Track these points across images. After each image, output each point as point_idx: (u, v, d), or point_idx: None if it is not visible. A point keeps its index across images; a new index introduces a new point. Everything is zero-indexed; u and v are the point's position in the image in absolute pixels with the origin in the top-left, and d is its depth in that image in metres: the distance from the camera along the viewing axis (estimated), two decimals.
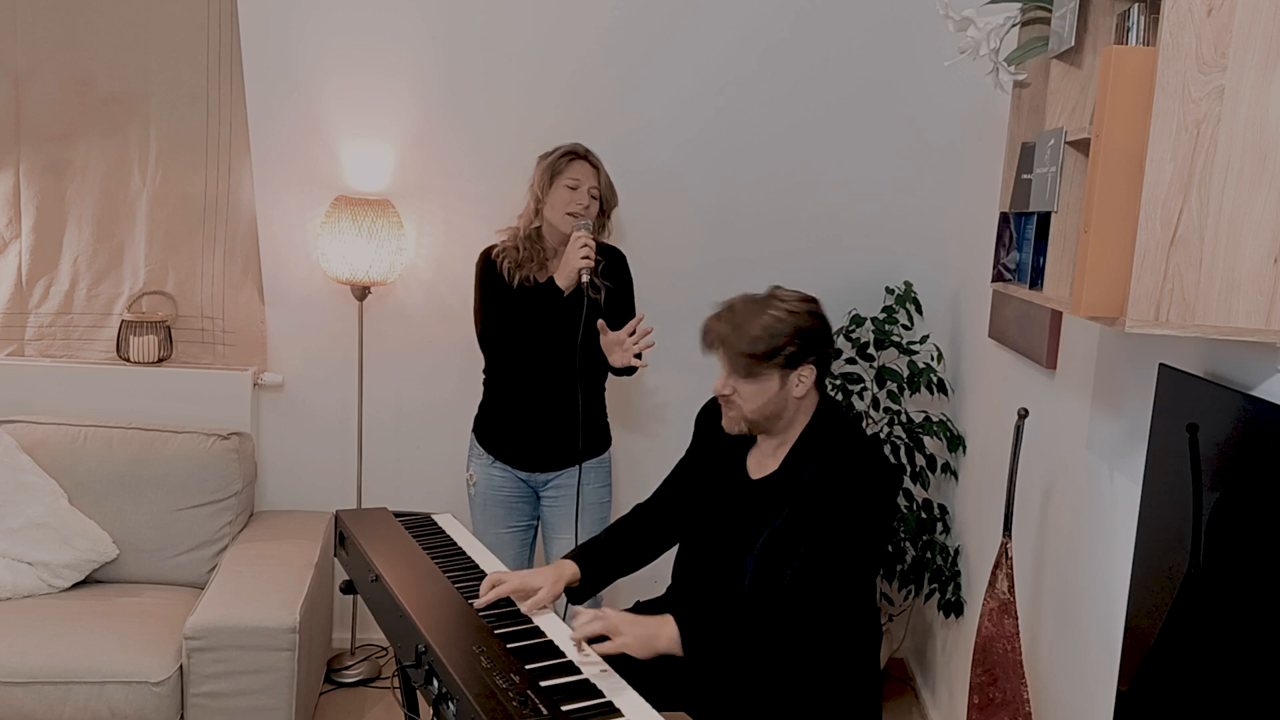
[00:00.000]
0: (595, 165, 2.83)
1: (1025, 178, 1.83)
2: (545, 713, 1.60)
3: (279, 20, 3.35)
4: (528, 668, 1.78)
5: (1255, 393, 1.45)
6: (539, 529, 3.03)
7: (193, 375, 3.40)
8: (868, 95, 3.47)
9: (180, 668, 2.69)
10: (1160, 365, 1.67)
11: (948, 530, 3.39)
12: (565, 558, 2.23)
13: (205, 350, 3.47)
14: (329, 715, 3.23)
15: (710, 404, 2.32)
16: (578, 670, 1.82)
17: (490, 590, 2.06)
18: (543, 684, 1.73)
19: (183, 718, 2.71)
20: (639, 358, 2.65)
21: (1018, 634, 2.21)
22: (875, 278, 3.55)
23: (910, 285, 3.46)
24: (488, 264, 2.85)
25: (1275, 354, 1.42)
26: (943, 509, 3.41)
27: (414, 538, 2.39)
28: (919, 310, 3.47)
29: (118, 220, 3.40)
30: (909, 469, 3.40)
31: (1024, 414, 2.28)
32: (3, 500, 3.01)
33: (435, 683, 1.79)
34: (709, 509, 2.21)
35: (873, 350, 3.42)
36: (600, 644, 1.88)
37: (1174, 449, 1.59)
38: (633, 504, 2.39)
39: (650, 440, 3.59)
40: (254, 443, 3.44)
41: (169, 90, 3.35)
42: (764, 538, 2.06)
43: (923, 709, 3.45)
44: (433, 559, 2.27)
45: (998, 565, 2.27)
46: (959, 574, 3.23)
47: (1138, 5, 1.50)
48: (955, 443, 3.32)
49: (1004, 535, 2.27)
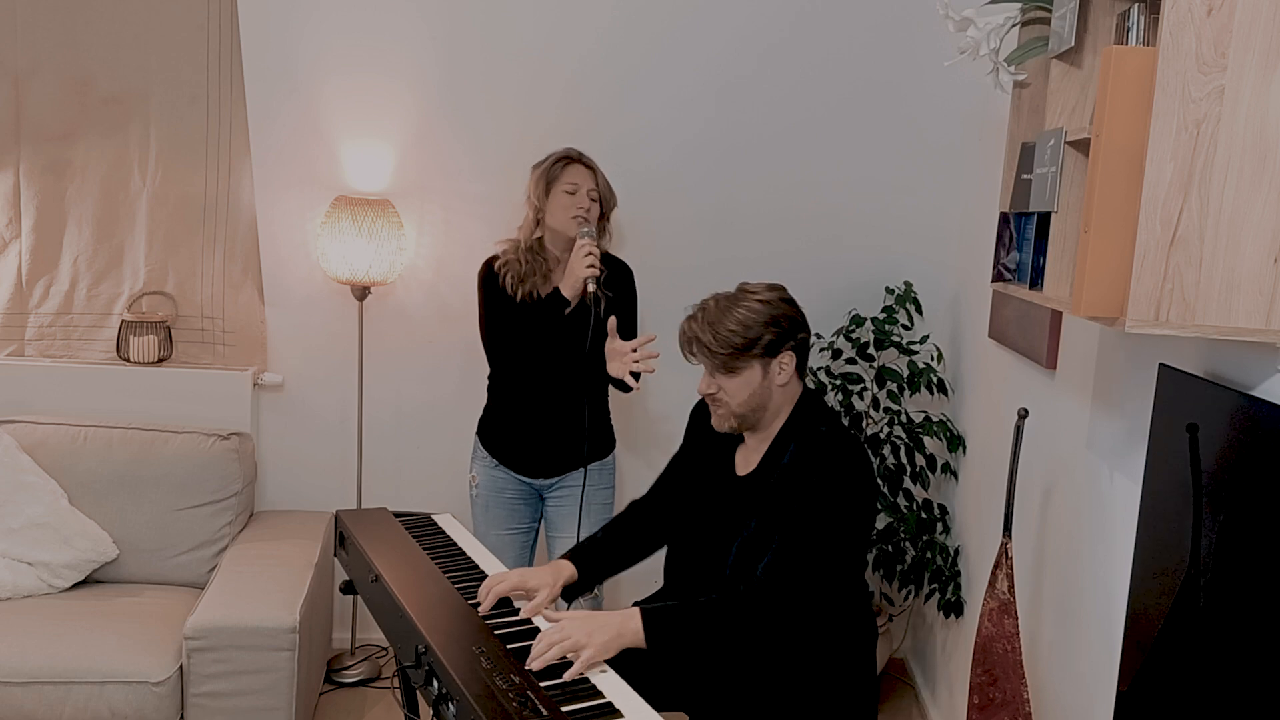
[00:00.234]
0: (590, 167, 2.79)
1: (1025, 178, 1.83)
2: (545, 713, 1.60)
3: (279, 20, 3.35)
4: (528, 668, 1.78)
5: (1255, 393, 1.45)
6: (540, 530, 3.03)
7: (193, 375, 3.40)
8: (868, 95, 3.47)
9: (180, 668, 2.69)
10: (1160, 365, 1.67)
11: (948, 530, 3.39)
12: (562, 557, 2.24)
13: (205, 350, 3.47)
14: (329, 715, 3.23)
15: (702, 403, 2.32)
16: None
17: (489, 594, 2.06)
18: (543, 684, 1.73)
19: (183, 718, 2.71)
20: (636, 377, 2.58)
21: (1018, 634, 2.21)
22: (875, 278, 3.55)
23: (910, 285, 3.46)
24: (490, 276, 2.80)
25: (1275, 354, 1.42)
26: (943, 509, 3.41)
27: (414, 538, 2.39)
28: (919, 310, 3.47)
29: (118, 220, 3.40)
30: (909, 469, 3.40)
31: (1024, 414, 2.28)
32: (3, 500, 3.01)
33: (435, 683, 1.79)
34: (697, 506, 2.23)
35: (873, 350, 3.42)
36: (570, 669, 1.80)
37: (1174, 449, 1.59)
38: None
39: (652, 440, 3.59)
40: (254, 443, 3.44)
41: (169, 90, 3.35)
42: (742, 533, 2.07)
43: (923, 709, 3.45)
44: (433, 559, 2.27)
45: (998, 565, 2.27)
46: (959, 574, 3.23)
47: (1138, 5, 1.50)
48: (955, 443, 3.32)
49: (1004, 535, 2.27)
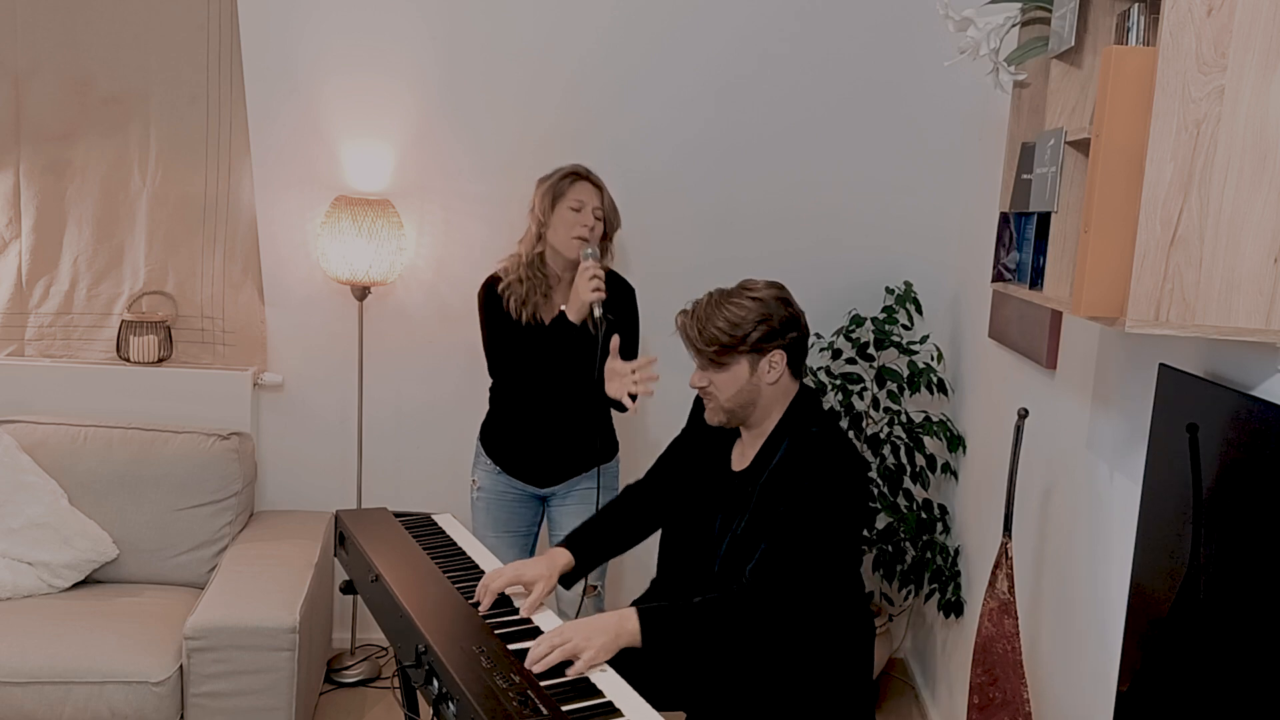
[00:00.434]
0: (598, 186, 2.73)
1: (1025, 178, 1.83)
2: (545, 713, 1.60)
3: (279, 20, 3.35)
4: (527, 667, 1.78)
5: (1255, 393, 1.45)
6: (540, 532, 3.03)
7: (193, 375, 3.40)
8: (868, 95, 3.47)
9: (180, 668, 2.69)
10: (1160, 365, 1.67)
11: (948, 530, 3.39)
12: (559, 544, 2.24)
13: (205, 350, 3.47)
14: (329, 715, 3.23)
15: None
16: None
17: (486, 592, 2.06)
18: (543, 684, 1.73)
19: (183, 718, 2.71)
20: (634, 398, 2.52)
21: (1018, 634, 2.21)
22: (875, 278, 3.55)
23: (910, 285, 3.46)
24: (493, 298, 2.75)
25: (1275, 354, 1.42)
26: (943, 509, 3.41)
27: (414, 538, 2.39)
28: (919, 310, 3.47)
29: (118, 220, 3.40)
30: (909, 469, 3.40)
31: (1024, 414, 2.28)
32: (3, 500, 3.01)
33: (435, 683, 1.79)
34: (692, 498, 2.23)
35: (873, 350, 3.42)
36: (570, 670, 1.80)
37: (1174, 449, 1.59)
38: None
39: (652, 441, 3.59)
40: (254, 443, 3.44)
41: (169, 90, 3.35)
42: (734, 529, 2.07)
43: (923, 709, 3.45)
44: (433, 559, 2.27)
45: (998, 565, 2.27)
46: (959, 574, 3.23)
47: (1138, 5, 1.50)
48: (955, 443, 3.32)
49: (1004, 535, 2.27)
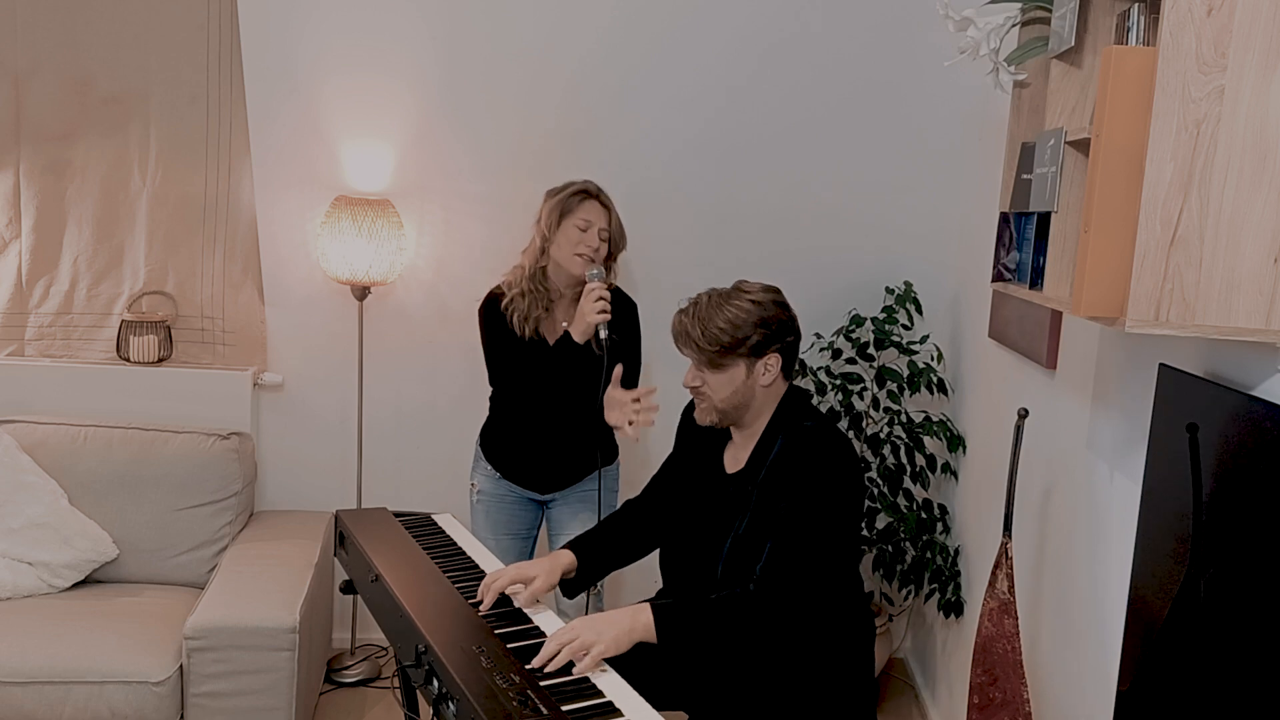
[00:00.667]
0: (607, 206, 2.70)
1: (1025, 178, 1.83)
2: (545, 713, 1.60)
3: (279, 20, 3.35)
4: (528, 668, 1.78)
5: (1255, 393, 1.45)
6: (540, 535, 3.03)
7: (193, 375, 3.40)
8: (868, 95, 3.47)
9: (180, 668, 2.69)
10: (1160, 365, 1.67)
11: (948, 530, 3.39)
12: (564, 547, 2.25)
13: (205, 350, 3.47)
14: (329, 715, 3.23)
15: (691, 404, 2.32)
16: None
17: (489, 591, 2.06)
18: (543, 684, 1.73)
19: (183, 718, 2.71)
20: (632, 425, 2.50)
21: (1018, 634, 2.21)
22: (875, 278, 3.55)
23: (910, 285, 3.46)
24: (495, 315, 2.73)
25: (1275, 354, 1.42)
26: (943, 509, 3.41)
27: (414, 538, 2.39)
28: (919, 310, 3.47)
29: (118, 220, 3.40)
30: (909, 469, 3.40)
31: (1024, 414, 2.28)
32: (3, 500, 3.01)
33: (435, 683, 1.79)
34: (689, 505, 2.23)
35: (873, 350, 3.42)
36: (580, 665, 1.81)
37: (1174, 449, 1.59)
38: None
39: (653, 443, 3.59)
40: (254, 443, 3.44)
41: (169, 90, 3.35)
42: (734, 531, 2.08)
43: (923, 709, 3.45)
44: (433, 559, 2.27)
45: (998, 565, 2.27)
46: (959, 574, 3.23)
47: (1138, 5, 1.50)
48: (955, 443, 3.32)
49: (1004, 535, 2.27)
